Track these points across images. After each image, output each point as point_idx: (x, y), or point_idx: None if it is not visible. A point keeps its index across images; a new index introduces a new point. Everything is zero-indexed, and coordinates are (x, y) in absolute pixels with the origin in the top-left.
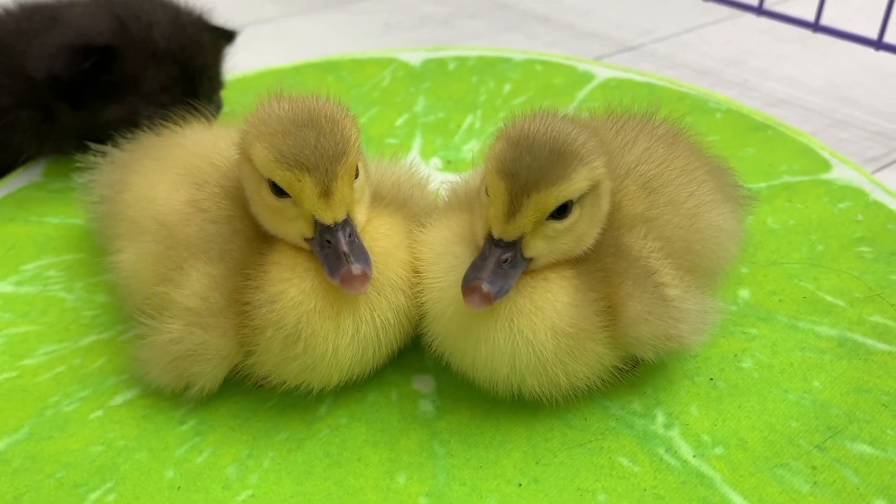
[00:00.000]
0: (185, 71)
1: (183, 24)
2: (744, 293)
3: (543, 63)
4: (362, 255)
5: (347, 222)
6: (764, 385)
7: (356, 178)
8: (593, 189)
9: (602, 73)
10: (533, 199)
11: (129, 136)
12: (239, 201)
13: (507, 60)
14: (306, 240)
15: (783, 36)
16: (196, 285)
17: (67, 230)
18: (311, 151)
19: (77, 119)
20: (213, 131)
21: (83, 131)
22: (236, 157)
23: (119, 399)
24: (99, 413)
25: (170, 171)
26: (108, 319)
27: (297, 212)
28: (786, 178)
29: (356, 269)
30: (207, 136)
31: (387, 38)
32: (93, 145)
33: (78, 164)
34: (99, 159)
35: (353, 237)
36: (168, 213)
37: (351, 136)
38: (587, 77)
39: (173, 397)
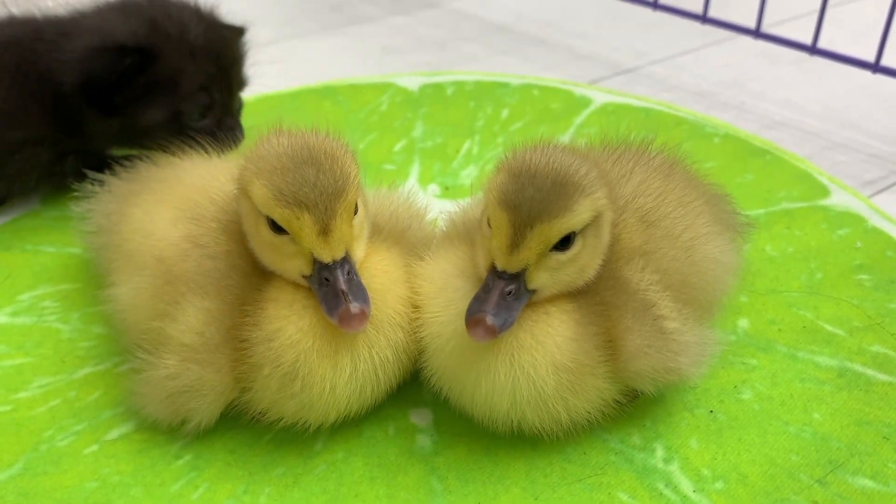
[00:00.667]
0: (220, 68)
1: (209, 21)
2: (743, 323)
3: (541, 88)
4: (361, 293)
5: (346, 260)
6: (764, 417)
7: (355, 214)
8: (595, 220)
9: (599, 97)
10: (536, 230)
11: (127, 165)
12: (237, 236)
13: (504, 85)
14: (305, 277)
15: (780, 58)
16: (192, 320)
17: (64, 259)
18: (310, 189)
19: (113, 127)
20: (211, 165)
21: (123, 141)
22: (235, 191)
23: (114, 433)
24: (94, 447)
25: (168, 205)
26: (104, 351)
27: (296, 249)
28: (785, 205)
29: (355, 307)
30: (206, 169)
31: (384, 62)
32: (91, 174)
33: (75, 193)
34: (97, 188)
35: (352, 275)
36: (165, 248)
37: (350, 172)
38: (584, 102)
39: (169, 431)
